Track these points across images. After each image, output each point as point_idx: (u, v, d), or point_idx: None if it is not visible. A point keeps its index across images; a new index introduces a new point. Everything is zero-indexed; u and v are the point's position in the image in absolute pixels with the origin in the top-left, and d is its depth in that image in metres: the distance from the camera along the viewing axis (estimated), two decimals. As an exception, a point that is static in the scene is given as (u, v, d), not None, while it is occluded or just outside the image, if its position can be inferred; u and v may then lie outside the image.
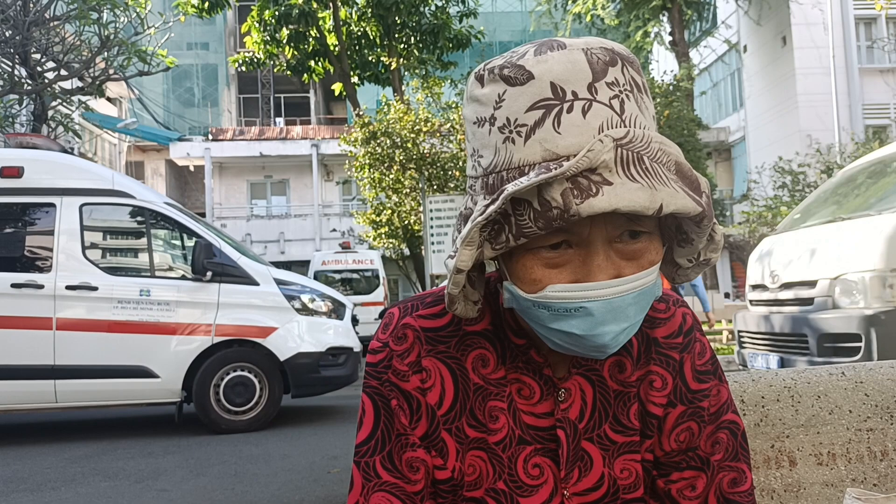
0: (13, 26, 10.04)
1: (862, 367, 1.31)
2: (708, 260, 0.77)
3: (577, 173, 0.67)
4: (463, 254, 0.73)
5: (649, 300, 0.75)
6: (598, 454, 0.84)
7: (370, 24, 15.53)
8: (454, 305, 0.79)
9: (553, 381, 0.85)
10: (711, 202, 0.73)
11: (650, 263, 0.73)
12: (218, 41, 29.91)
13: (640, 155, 0.67)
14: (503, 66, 0.74)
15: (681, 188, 0.68)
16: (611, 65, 0.72)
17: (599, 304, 0.71)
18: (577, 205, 0.66)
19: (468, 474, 0.83)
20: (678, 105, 14.81)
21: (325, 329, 7.15)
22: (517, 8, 30.47)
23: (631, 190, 0.66)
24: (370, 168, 12.85)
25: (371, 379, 0.87)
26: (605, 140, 0.67)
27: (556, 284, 0.72)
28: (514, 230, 0.71)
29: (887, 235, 4.49)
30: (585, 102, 0.70)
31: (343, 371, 7.25)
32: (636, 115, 0.71)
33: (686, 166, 0.71)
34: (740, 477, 0.85)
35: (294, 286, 7.12)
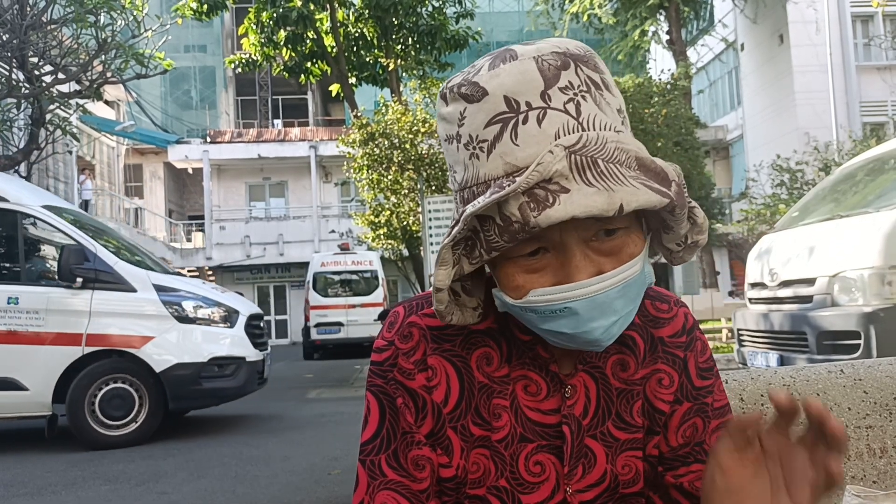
0: (10, 30, 10.03)
1: (861, 364, 1.32)
2: (696, 242, 0.79)
3: (531, 187, 0.68)
4: (439, 274, 0.76)
5: (638, 290, 0.76)
6: (602, 451, 0.85)
7: (367, 25, 15.53)
8: (446, 318, 0.81)
9: (560, 378, 0.85)
10: (683, 189, 0.74)
11: (630, 256, 0.74)
12: (215, 43, 29.90)
13: (595, 159, 0.68)
14: (461, 83, 0.75)
15: (642, 184, 0.69)
16: (563, 69, 0.72)
17: (583, 302, 0.72)
18: (534, 217, 0.68)
19: (472, 472, 0.84)
20: (676, 104, 14.82)
21: (209, 338, 6.73)
22: (514, 8, 30.48)
23: (587, 195, 0.67)
24: (368, 169, 12.85)
25: (376, 377, 0.87)
26: (556, 150, 0.68)
27: (539, 288, 0.74)
28: (485, 245, 0.73)
29: (885, 232, 4.50)
30: (540, 111, 0.71)
31: (231, 383, 6.81)
32: (594, 114, 0.72)
33: (648, 160, 0.71)
34: None
35: (178, 292, 6.71)
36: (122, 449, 6.48)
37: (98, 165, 24.41)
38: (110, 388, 6.42)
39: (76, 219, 7.03)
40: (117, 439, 6.41)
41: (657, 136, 13.25)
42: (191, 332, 6.63)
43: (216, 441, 6.74)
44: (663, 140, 13.39)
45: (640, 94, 13.93)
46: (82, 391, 6.33)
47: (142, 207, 26.82)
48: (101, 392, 6.39)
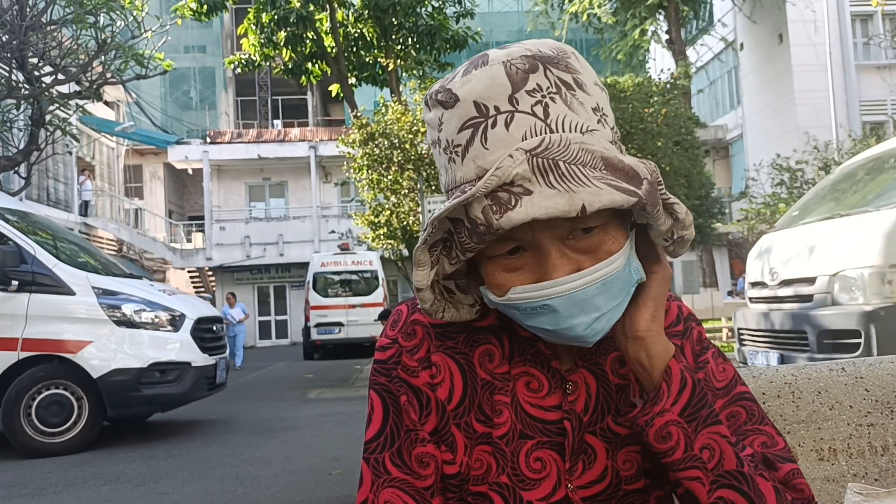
0: (10, 31, 10.03)
1: (862, 362, 1.32)
2: (682, 237, 0.79)
3: (492, 190, 0.69)
4: (417, 275, 0.79)
5: (621, 287, 0.76)
6: (602, 447, 0.85)
7: (367, 25, 15.52)
8: (437, 315, 0.83)
9: (561, 374, 0.85)
10: (658, 186, 0.75)
11: (608, 254, 0.75)
12: (215, 44, 29.90)
13: (556, 161, 0.69)
14: (438, 90, 0.78)
15: (607, 183, 0.69)
16: (531, 72, 0.73)
17: (561, 300, 0.74)
18: (496, 220, 0.69)
19: (475, 469, 0.84)
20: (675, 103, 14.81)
21: (149, 342, 6.51)
22: (514, 8, 30.48)
23: (548, 197, 0.68)
24: (368, 169, 12.84)
25: (379, 375, 0.87)
26: (516, 154, 0.69)
27: (518, 286, 0.75)
28: (459, 247, 0.76)
29: (885, 231, 4.50)
30: (507, 115, 0.72)
31: (174, 389, 6.57)
32: (563, 115, 0.73)
33: (615, 159, 0.71)
34: (770, 440, 0.85)
35: (119, 295, 6.49)
36: (123, 449, 6.48)
37: (98, 166, 24.41)
38: (47, 394, 6.22)
39: (21, 220, 6.87)
40: (55, 447, 6.19)
41: (657, 136, 13.24)
42: (130, 337, 6.40)
43: (217, 442, 6.74)
44: (663, 139, 13.38)
45: (640, 94, 13.92)
46: (18, 397, 6.13)
47: (142, 208, 26.82)
48: (37, 398, 6.19)
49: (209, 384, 7.13)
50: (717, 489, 0.76)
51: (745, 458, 0.78)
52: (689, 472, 0.77)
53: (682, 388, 0.78)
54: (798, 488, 0.81)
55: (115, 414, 6.56)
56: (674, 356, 0.79)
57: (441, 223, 0.75)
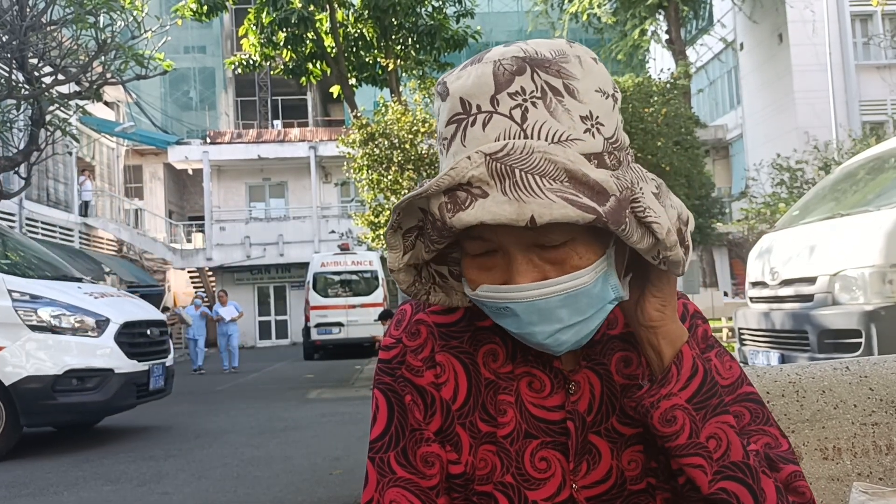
0: (10, 31, 10.02)
1: (866, 361, 1.32)
2: (667, 258, 0.75)
3: (445, 188, 0.70)
4: (389, 257, 0.81)
5: (589, 303, 0.75)
6: (607, 447, 0.85)
7: (367, 25, 15.51)
8: (420, 297, 0.85)
9: (563, 374, 0.85)
10: (626, 205, 0.71)
11: (573, 268, 0.74)
12: (215, 44, 29.90)
13: (513, 168, 0.68)
14: (439, 82, 0.79)
15: (563, 197, 0.67)
16: (518, 74, 0.73)
17: (522, 305, 0.74)
18: (449, 218, 0.70)
19: (480, 469, 0.84)
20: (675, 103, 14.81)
21: (66, 348, 6.24)
22: (514, 8, 30.48)
23: (498, 203, 0.68)
24: (368, 169, 12.83)
25: (384, 375, 0.87)
26: (474, 156, 0.69)
27: (486, 285, 0.76)
28: (427, 237, 0.77)
29: (886, 231, 4.50)
30: (486, 115, 0.72)
31: (94, 397, 6.29)
32: (542, 122, 0.71)
33: (580, 173, 0.69)
34: (774, 442, 0.85)
35: (38, 299, 6.25)
36: (124, 449, 6.48)
37: (98, 166, 24.40)
38: None
39: None
40: None
41: (657, 136, 13.24)
42: (45, 342, 6.15)
43: (217, 442, 6.74)
44: (663, 139, 13.37)
45: (640, 94, 13.92)
46: None
47: (142, 208, 26.81)
48: None
49: (140, 392, 6.82)
50: (721, 480, 0.76)
51: (751, 452, 0.78)
52: (691, 460, 0.77)
53: (692, 374, 0.78)
54: (799, 491, 0.81)
55: (30, 423, 6.33)
56: (687, 342, 0.79)
57: (411, 210, 0.76)
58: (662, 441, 0.78)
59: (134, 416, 8.77)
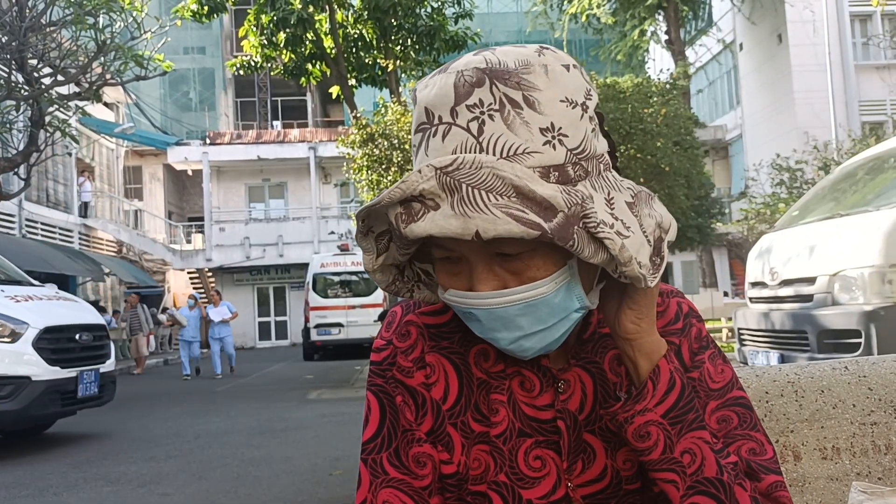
0: (9, 32, 10.03)
1: (865, 361, 1.32)
2: (623, 273, 0.74)
3: (397, 200, 0.71)
4: (363, 259, 0.82)
5: (550, 312, 0.76)
6: (601, 446, 0.85)
7: (366, 26, 15.51)
8: (402, 294, 0.86)
9: (552, 373, 0.86)
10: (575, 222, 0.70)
11: (531, 279, 0.75)
12: (214, 45, 29.90)
13: (460, 183, 0.69)
14: (414, 89, 0.80)
15: (507, 212, 0.68)
16: (476, 86, 0.73)
17: (482, 312, 0.76)
18: (403, 228, 0.71)
19: (473, 468, 0.84)
20: (675, 104, 14.81)
21: None
22: (513, 9, 30.49)
23: (445, 217, 0.69)
24: (368, 170, 12.84)
25: (375, 377, 0.88)
26: (425, 170, 0.70)
27: (452, 290, 0.78)
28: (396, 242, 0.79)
29: (885, 231, 4.50)
30: (446, 126, 0.73)
31: (7, 405, 5.99)
32: (498, 135, 0.71)
33: (527, 189, 0.69)
34: (759, 448, 0.84)
35: None
36: (124, 450, 6.48)
37: (97, 167, 24.39)
38: None
39: None
40: None
41: (656, 136, 13.24)
42: None
43: (218, 442, 6.74)
44: (663, 140, 13.37)
45: (640, 94, 13.92)
46: None
47: (141, 209, 26.82)
48: None
49: (66, 399, 6.55)
50: (693, 495, 0.76)
51: (726, 466, 0.77)
52: (664, 475, 0.77)
53: (669, 388, 0.78)
54: (780, 502, 0.81)
55: None
56: (664, 356, 0.79)
57: (379, 216, 0.77)
58: (636, 455, 0.79)
59: (133, 417, 8.77)
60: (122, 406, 9.87)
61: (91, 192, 22.60)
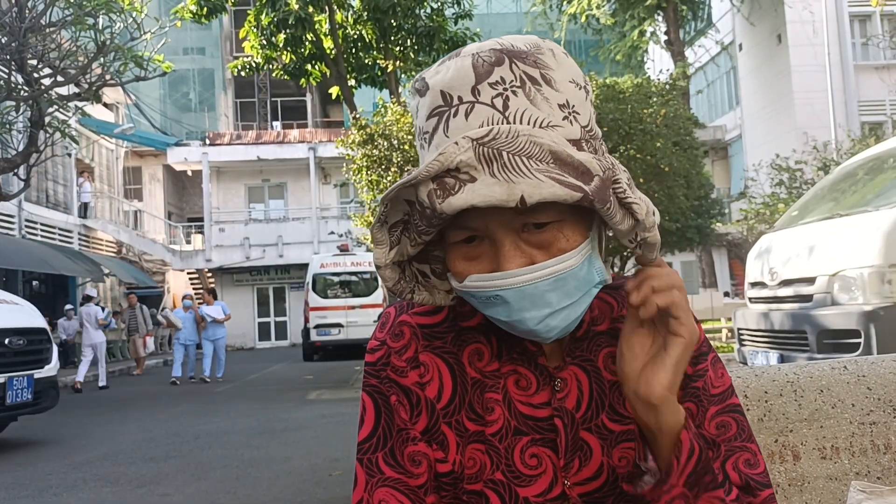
0: (9, 33, 10.03)
1: (864, 361, 1.32)
2: (645, 240, 0.77)
3: (440, 174, 0.70)
4: (375, 252, 0.80)
5: (577, 286, 0.77)
6: (597, 443, 0.85)
7: (366, 27, 15.52)
8: (405, 295, 0.84)
9: (548, 371, 0.86)
10: (609, 185, 0.73)
11: (560, 251, 0.75)
12: (214, 46, 29.90)
13: (500, 151, 0.69)
14: (416, 80, 0.80)
15: (550, 177, 0.69)
16: (496, 65, 0.74)
17: (511, 292, 0.74)
18: (439, 204, 0.70)
19: (468, 467, 0.84)
20: (675, 104, 14.80)
21: None
22: (512, 9, 30.51)
23: (487, 185, 0.69)
24: (367, 170, 12.83)
25: (370, 377, 0.88)
26: (462, 142, 0.70)
27: (474, 275, 0.76)
28: (415, 228, 0.77)
29: (885, 231, 4.50)
30: (468, 105, 0.74)
31: None
32: (524, 109, 0.73)
33: (565, 153, 0.71)
34: (753, 459, 0.85)
35: None
36: (124, 451, 6.48)
37: (97, 168, 24.39)
38: None
39: None
40: None
41: (656, 136, 13.22)
42: None
43: (217, 443, 6.74)
44: (662, 140, 13.36)
45: (639, 95, 13.90)
46: None
47: (141, 210, 26.82)
48: None
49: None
50: None
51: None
52: None
53: (689, 456, 0.77)
54: None
55: None
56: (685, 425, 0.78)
57: (397, 203, 0.76)
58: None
59: (133, 417, 8.77)
60: (122, 406, 9.87)
61: (91, 192, 22.59)
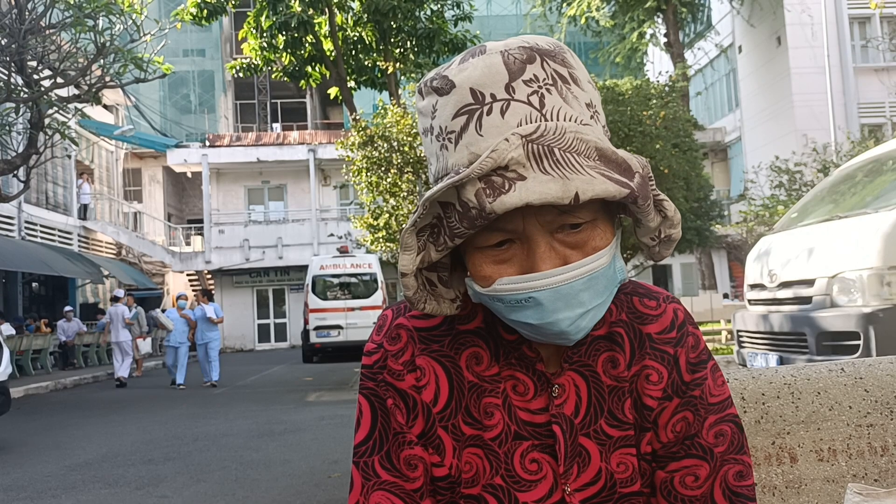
0: (9, 34, 10.04)
1: (861, 363, 1.32)
2: (669, 236, 0.79)
3: (486, 173, 0.69)
4: (402, 258, 0.78)
5: (606, 284, 0.77)
6: (596, 449, 0.84)
7: (366, 29, 15.54)
8: (419, 305, 0.82)
9: (546, 377, 0.85)
10: (649, 181, 0.74)
11: (595, 250, 0.75)
12: (214, 48, 29.92)
13: (551, 147, 0.69)
14: (433, 77, 0.78)
15: (600, 173, 0.69)
16: (528, 63, 0.74)
17: (547, 293, 0.73)
18: (489, 203, 0.69)
19: (465, 472, 0.84)
20: (674, 106, 14.82)
21: None
22: (512, 11, 30.53)
23: (542, 182, 0.68)
24: (367, 172, 12.84)
25: (367, 380, 0.88)
26: (512, 138, 0.69)
27: (505, 277, 0.75)
28: (448, 232, 0.75)
29: (884, 233, 4.50)
30: (503, 103, 0.72)
31: None
32: (559, 107, 0.73)
33: (609, 150, 0.71)
34: (746, 470, 0.85)
35: None
36: (123, 453, 6.48)
37: (97, 169, 24.40)
38: None
39: None
40: None
41: (655, 138, 13.24)
42: None
43: (216, 445, 6.74)
44: (662, 142, 13.38)
45: (638, 97, 13.93)
46: None
47: (141, 211, 26.82)
48: None
49: None
50: None
51: None
52: None
53: None
54: None
55: None
56: None
57: (431, 206, 0.74)
58: None
59: (131, 419, 8.76)
60: (121, 408, 9.86)
61: (90, 194, 22.60)
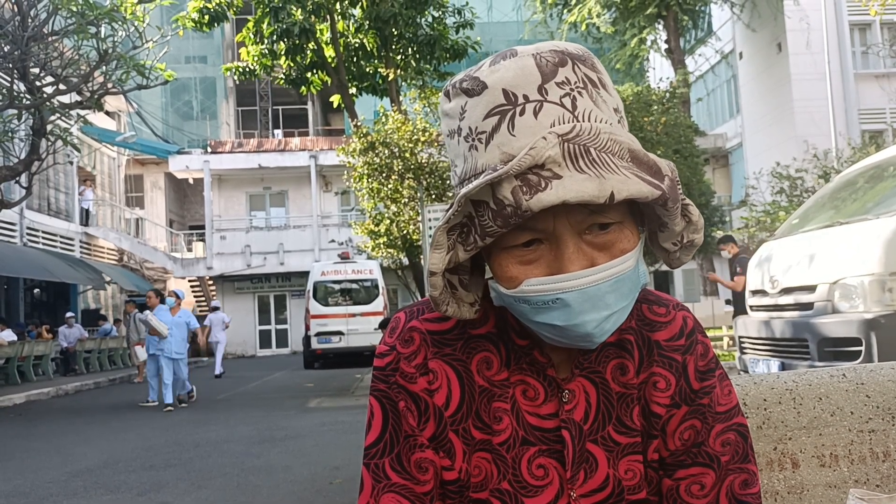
0: (12, 41, 10.08)
1: (863, 368, 1.32)
2: (692, 241, 0.80)
3: (524, 171, 0.70)
4: (433, 257, 0.78)
5: (630, 288, 0.77)
6: (603, 455, 0.85)
7: (367, 35, 15.58)
8: (442, 307, 0.82)
9: (557, 382, 0.85)
10: (677, 184, 0.75)
11: (622, 252, 0.75)
12: (216, 54, 30.00)
13: (587, 147, 0.70)
14: (462, 79, 0.78)
15: (634, 174, 0.71)
16: (560, 65, 0.75)
17: (575, 294, 0.74)
18: (526, 201, 0.69)
19: (474, 476, 0.84)
20: (675, 112, 14.84)
21: None
22: (513, 18, 30.60)
23: (579, 181, 0.69)
24: (368, 178, 12.85)
25: (379, 382, 0.88)
26: (549, 137, 0.70)
27: (532, 278, 0.75)
28: (479, 231, 0.74)
29: (885, 239, 4.50)
30: (536, 104, 0.73)
31: None
32: (590, 110, 0.74)
33: (641, 152, 0.73)
34: (751, 479, 0.85)
35: None
36: (124, 459, 6.47)
37: (99, 176, 24.45)
38: None
39: None
40: None
41: (657, 144, 13.26)
42: None
43: (217, 451, 6.73)
44: (663, 148, 13.40)
45: (640, 103, 13.96)
46: None
47: (143, 217, 26.85)
48: None
49: None
50: None
51: None
52: None
53: None
54: None
55: None
56: None
57: (464, 205, 0.74)
58: None
59: (133, 425, 8.76)
60: (122, 415, 9.86)
61: (92, 200, 22.64)
